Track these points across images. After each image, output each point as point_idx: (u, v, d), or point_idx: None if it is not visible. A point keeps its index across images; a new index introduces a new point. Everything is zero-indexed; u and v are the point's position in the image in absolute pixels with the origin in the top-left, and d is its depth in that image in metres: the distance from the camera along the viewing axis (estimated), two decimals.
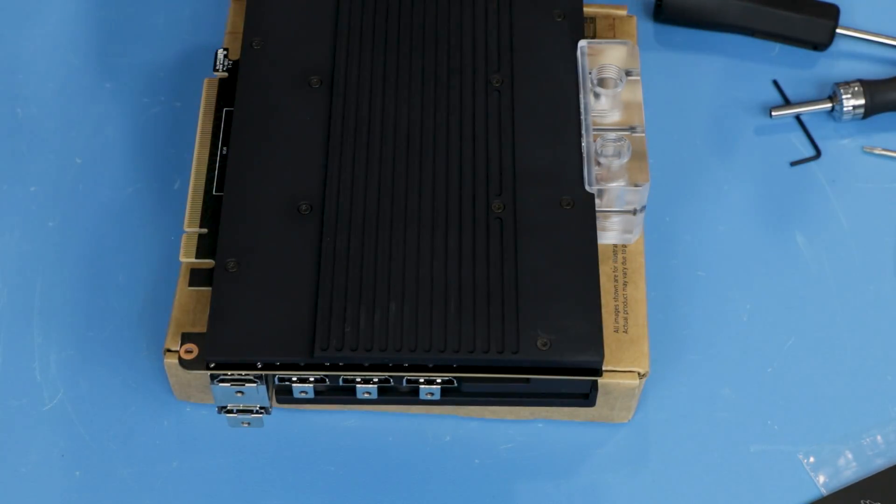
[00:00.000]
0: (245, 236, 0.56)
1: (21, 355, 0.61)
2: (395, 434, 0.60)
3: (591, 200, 0.57)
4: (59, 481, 0.58)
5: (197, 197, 0.59)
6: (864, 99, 0.67)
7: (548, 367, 0.54)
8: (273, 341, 0.54)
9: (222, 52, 0.62)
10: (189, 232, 0.58)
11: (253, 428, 0.58)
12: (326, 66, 0.61)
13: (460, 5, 0.62)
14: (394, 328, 0.54)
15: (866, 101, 0.67)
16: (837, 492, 0.59)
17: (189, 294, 0.58)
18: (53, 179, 0.66)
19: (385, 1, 0.62)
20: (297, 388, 0.55)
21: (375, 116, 0.59)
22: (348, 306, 0.54)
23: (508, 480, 0.59)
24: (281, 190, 0.57)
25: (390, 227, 0.56)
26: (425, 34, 0.62)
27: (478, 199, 0.57)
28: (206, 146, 0.60)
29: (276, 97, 0.60)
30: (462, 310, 0.54)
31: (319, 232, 0.56)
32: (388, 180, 0.57)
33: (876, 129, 0.69)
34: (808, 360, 0.62)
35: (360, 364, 0.54)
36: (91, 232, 0.64)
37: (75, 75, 0.69)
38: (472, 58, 0.61)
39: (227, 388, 0.55)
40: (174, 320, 0.57)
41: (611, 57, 0.61)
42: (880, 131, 0.69)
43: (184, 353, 0.55)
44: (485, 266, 0.55)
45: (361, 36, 0.61)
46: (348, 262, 0.55)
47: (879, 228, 0.66)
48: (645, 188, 0.58)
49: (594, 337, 0.54)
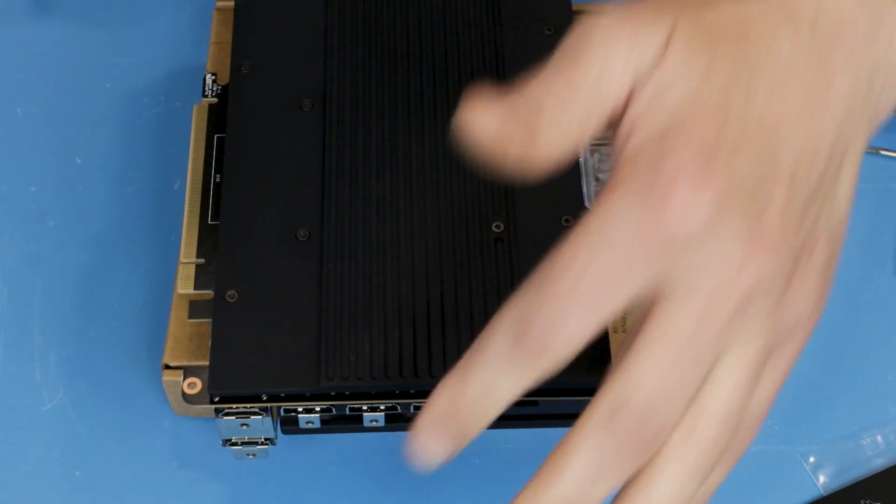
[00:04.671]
0: (244, 266, 0.56)
1: (21, 355, 0.61)
2: (395, 434, 0.60)
3: None
4: (58, 481, 0.58)
5: (192, 227, 0.58)
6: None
7: (556, 389, 0.54)
8: (277, 372, 0.53)
9: (210, 76, 0.62)
10: (186, 263, 0.57)
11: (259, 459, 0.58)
12: (318, 89, 0.60)
13: (450, 25, 0.62)
14: (399, 355, 0.53)
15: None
16: (837, 492, 0.59)
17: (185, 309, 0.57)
18: (53, 179, 0.66)
19: (374, 22, 0.62)
20: (304, 418, 0.55)
21: (370, 139, 0.59)
22: (352, 334, 0.54)
23: (508, 480, 0.59)
24: (278, 217, 0.57)
25: (391, 252, 0.56)
26: (416, 54, 0.61)
27: (477, 219, 0.57)
28: (198, 174, 0.59)
29: (268, 122, 0.59)
30: (468, 334, 0.54)
31: (319, 259, 0.56)
32: (386, 203, 0.57)
33: None
34: (808, 360, 0.62)
35: (367, 392, 0.54)
36: (91, 232, 0.64)
37: (75, 75, 0.69)
38: (464, 76, 0.61)
39: (232, 421, 0.54)
40: (171, 336, 0.57)
41: None
42: (881, 131, 0.68)
43: (187, 388, 0.54)
44: (488, 288, 0.55)
45: (352, 57, 0.61)
46: (350, 289, 0.55)
47: (879, 228, 0.66)
48: None
49: (602, 356, 0.54)
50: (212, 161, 0.60)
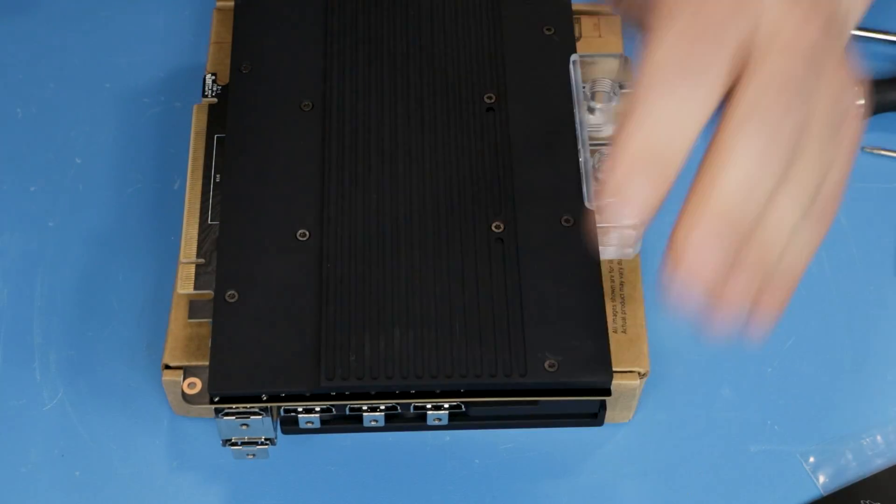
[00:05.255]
0: (244, 266, 0.56)
1: (21, 355, 0.61)
2: (395, 434, 0.60)
3: (591, 217, 0.57)
4: (59, 481, 0.58)
5: (192, 227, 0.58)
6: (864, 98, 0.67)
7: (556, 389, 0.54)
8: (277, 372, 0.53)
9: (210, 76, 0.62)
10: (185, 263, 0.57)
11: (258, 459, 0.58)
12: (317, 90, 0.60)
13: (450, 24, 0.62)
14: (399, 355, 0.53)
15: (867, 101, 0.67)
16: (837, 492, 0.59)
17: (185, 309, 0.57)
18: (53, 179, 0.66)
19: (374, 22, 0.62)
20: (304, 418, 0.55)
21: (370, 139, 0.59)
22: (352, 334, 0.54)
23: (508, 480, 0.59)
24: (278, 218, 0.57)
25: (391, 252, 0.56)
26: (416, 54, 0.61)
27: (478, 219, 0.57)
28: (198, 174, 0.59)
29: (268, 122, 0.59)
30: (467, 334, 0.54)
31: (319, 259, 0.56)
32: (386, 203, 0.57)
33: (877, 128, 0.68)
34: (808, 360, 0.62)
35: (367, 392, 0.54)
36: (91, 232, 0.64)
37: (75, 75, 0.69)
38: (464, 76, 0.61)
39: (232, 421, 0.54)
40: (171, 336, 0.57)
41: (603, 70, 0.61)
42: (881, 131, 0.69)
43: (186, 388, 0.54)
44: (488, 288, 0.55)
45: (352, 57, 0.61)
46: (350, 290, 0.55)
47: (879, 228, 0.66)
48: None
49: (602, 356, 0.54)
50: (212, 161, 0.60)
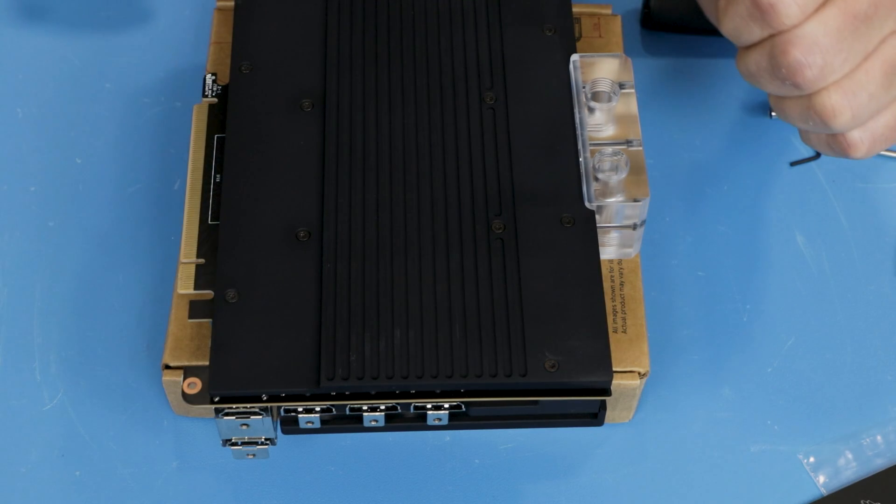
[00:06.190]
0: (244, 266, 0.56)
1: (21, 355, 0.61)
2: (395, 434, 0.60)
3: (591, 217, 0.57)
4: (59, 481, 0.58)
5: (192, 227, 0.58)
6: None
7: (557, 389, 0.54)
8: (278, 372, 0.53)
9: (210, 76, 0.62)
10: (185, 263, 0.57)
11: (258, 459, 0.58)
12: (318, 89, 0.60)
13: (450, 24, 0.62)
14: (399, 355, 0.53)
15: None
16: (837, 492, 0.59)
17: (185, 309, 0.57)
18: (53, 179, 0.66)
19: (374, 21, 0.62)
20: (304, 418, 0.55)
21: (370, 138, 0.59)
22: (352, 334, 0.54)
23: (508, 480, 0.59)
24: (278, 217, 0.57)
25: (391, 252, 0.56)
26: (416, 53, 0.61)
27: (478, 219, 0.57)
28: (198, 174, 0.59)
29: (268, 122, 0.59)
30: (467, 334, 0.54)
31: (319, 259, 0.56)
32: (386, 203, 0.57)
33: None
34: (808, 360, 0.62)
35: (367, 392, 0.54)
36: (91, 232, 0.64)
37: (75, 75, 0.69)
38: (465, 76, 0.61)
39: (232, 420, 0.54)
40: (171, 336, 0.57)
41: (603, 70, 0.61)
42: None
43: (187, 387, 0.54)
44: (488, 288, 0.55)
45: (351, 57, 0.61)
46: (350, 289, 0.55)
47: (879, 228, 0.66)
48: (644, 203, 0.58)
49: (602, 356, 0.54)
50: (212, 161, 0.60)
